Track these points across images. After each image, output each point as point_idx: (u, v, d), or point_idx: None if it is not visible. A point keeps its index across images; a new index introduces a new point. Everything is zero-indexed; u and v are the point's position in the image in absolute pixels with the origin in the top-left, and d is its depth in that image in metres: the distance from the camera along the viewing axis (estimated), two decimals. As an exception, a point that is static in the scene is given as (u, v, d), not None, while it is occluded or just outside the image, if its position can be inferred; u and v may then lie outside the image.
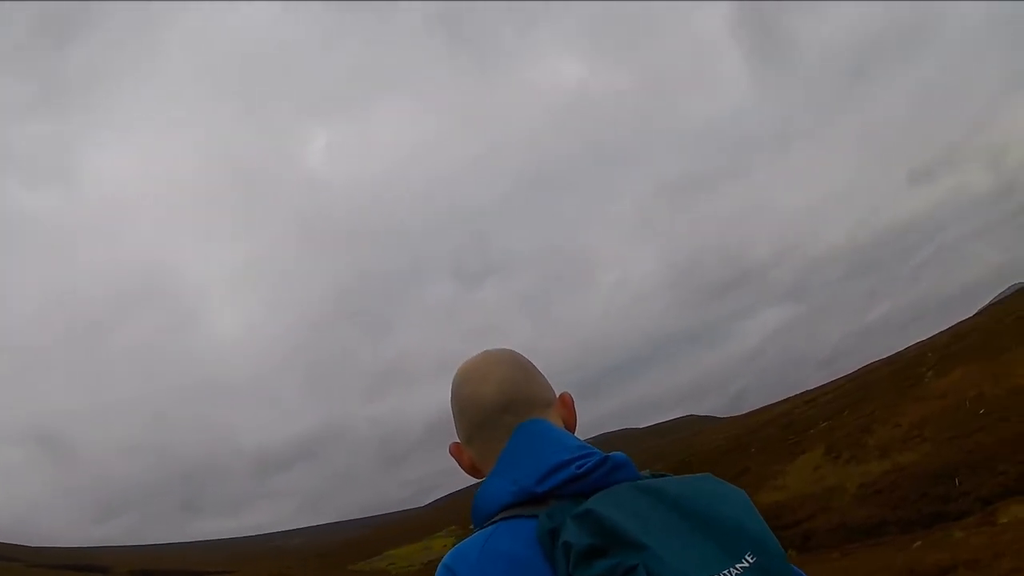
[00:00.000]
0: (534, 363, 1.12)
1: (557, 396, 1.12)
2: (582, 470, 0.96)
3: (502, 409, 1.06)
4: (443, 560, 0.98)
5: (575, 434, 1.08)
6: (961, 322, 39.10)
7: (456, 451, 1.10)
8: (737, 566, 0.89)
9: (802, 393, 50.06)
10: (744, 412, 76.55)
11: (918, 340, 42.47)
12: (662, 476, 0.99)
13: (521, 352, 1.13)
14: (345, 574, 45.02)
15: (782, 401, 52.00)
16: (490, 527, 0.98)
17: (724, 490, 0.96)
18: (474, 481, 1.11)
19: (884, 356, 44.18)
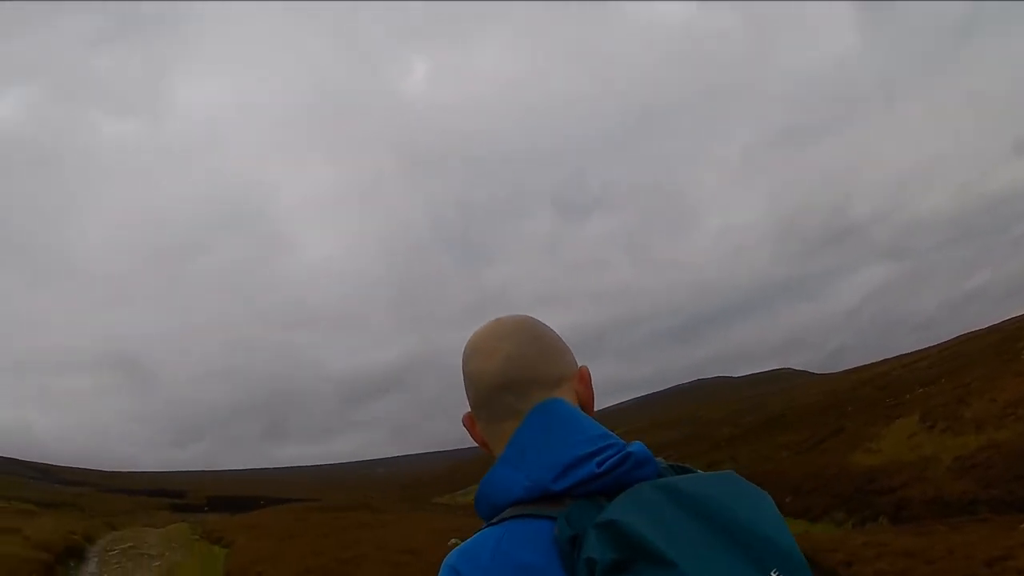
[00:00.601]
0: (555, 331, 1.05)
1: (577, 369, 1.03)
2: (603, 468, 0.89)
3: (502, 388, 0.99)
4: (448, 560, 0.92)
5: (592, 411, 1.02)
6: (1062, 299, 38.39)
7: (469, 422, 1.04)
8: None
9: (900, 356, 49.78)
10: (840, 370, 76.03)
11: (1016, 314, 41.85)
12: (684, 469, 0.92)
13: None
14: (428, 506, 46.12)
15: (880, 362, 51.23)
16: (501, 526, 0.91)
17: (749, 493, 0.88)
18: None
19: (982, 327, 43.55)
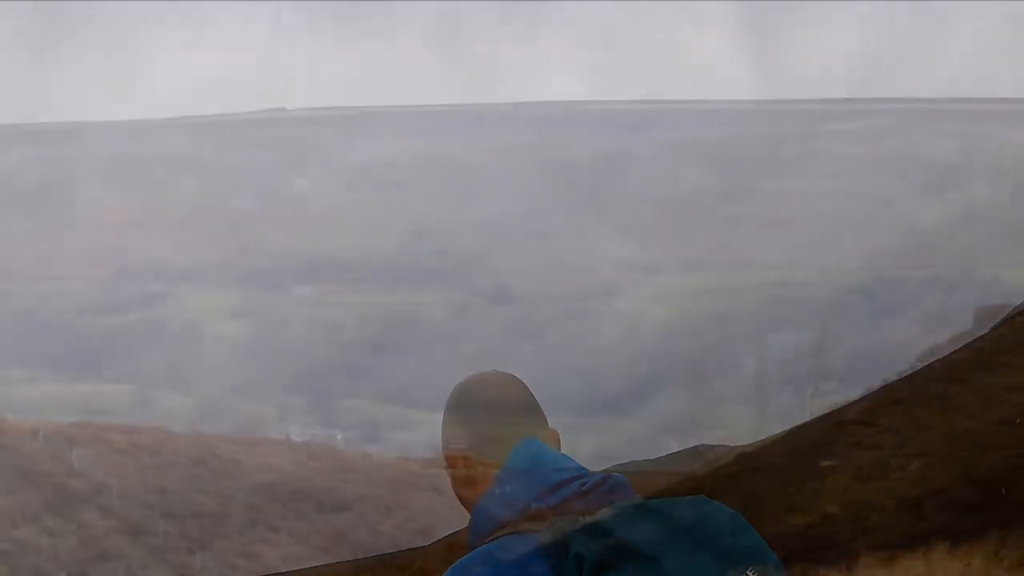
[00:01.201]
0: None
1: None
2: (585, 488, 0.95)
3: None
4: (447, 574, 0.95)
5: None
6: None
7: (456, 460, 1.04)
8: None
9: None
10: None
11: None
12: (656, 500, 0.99)
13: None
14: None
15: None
16: (493, 543, 0.95)
17: (720, 509, 0.94)
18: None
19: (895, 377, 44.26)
